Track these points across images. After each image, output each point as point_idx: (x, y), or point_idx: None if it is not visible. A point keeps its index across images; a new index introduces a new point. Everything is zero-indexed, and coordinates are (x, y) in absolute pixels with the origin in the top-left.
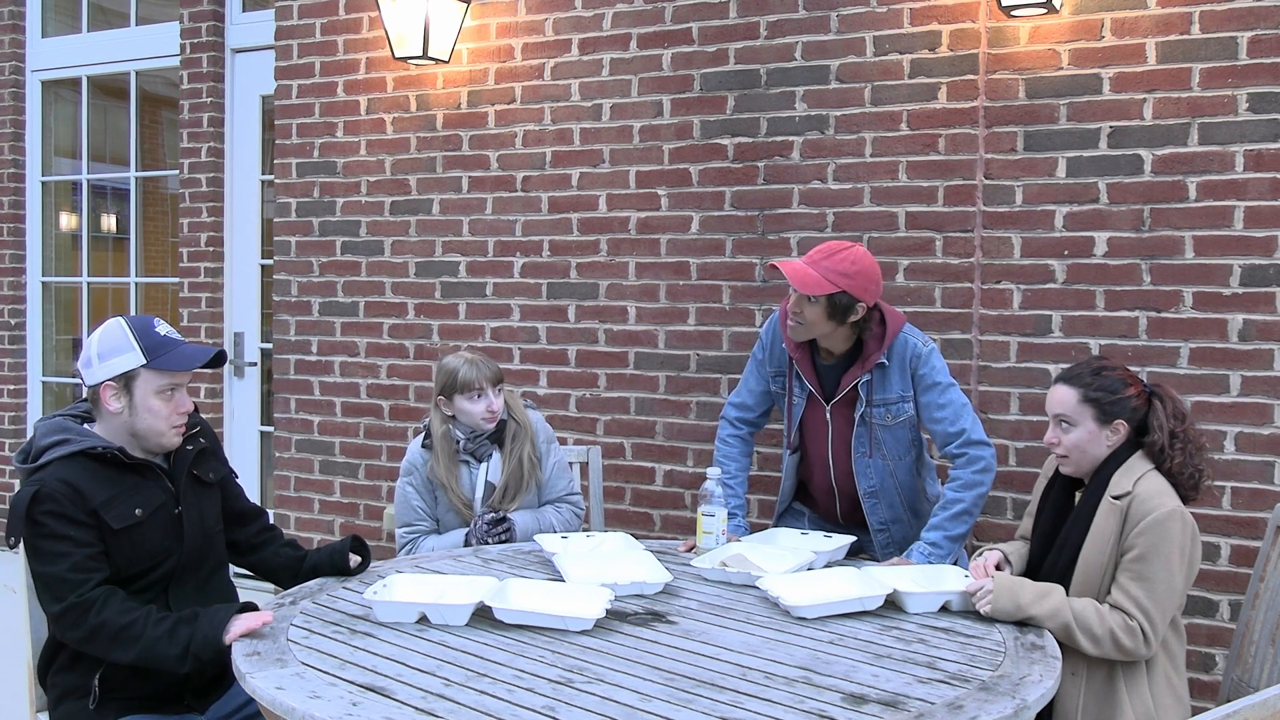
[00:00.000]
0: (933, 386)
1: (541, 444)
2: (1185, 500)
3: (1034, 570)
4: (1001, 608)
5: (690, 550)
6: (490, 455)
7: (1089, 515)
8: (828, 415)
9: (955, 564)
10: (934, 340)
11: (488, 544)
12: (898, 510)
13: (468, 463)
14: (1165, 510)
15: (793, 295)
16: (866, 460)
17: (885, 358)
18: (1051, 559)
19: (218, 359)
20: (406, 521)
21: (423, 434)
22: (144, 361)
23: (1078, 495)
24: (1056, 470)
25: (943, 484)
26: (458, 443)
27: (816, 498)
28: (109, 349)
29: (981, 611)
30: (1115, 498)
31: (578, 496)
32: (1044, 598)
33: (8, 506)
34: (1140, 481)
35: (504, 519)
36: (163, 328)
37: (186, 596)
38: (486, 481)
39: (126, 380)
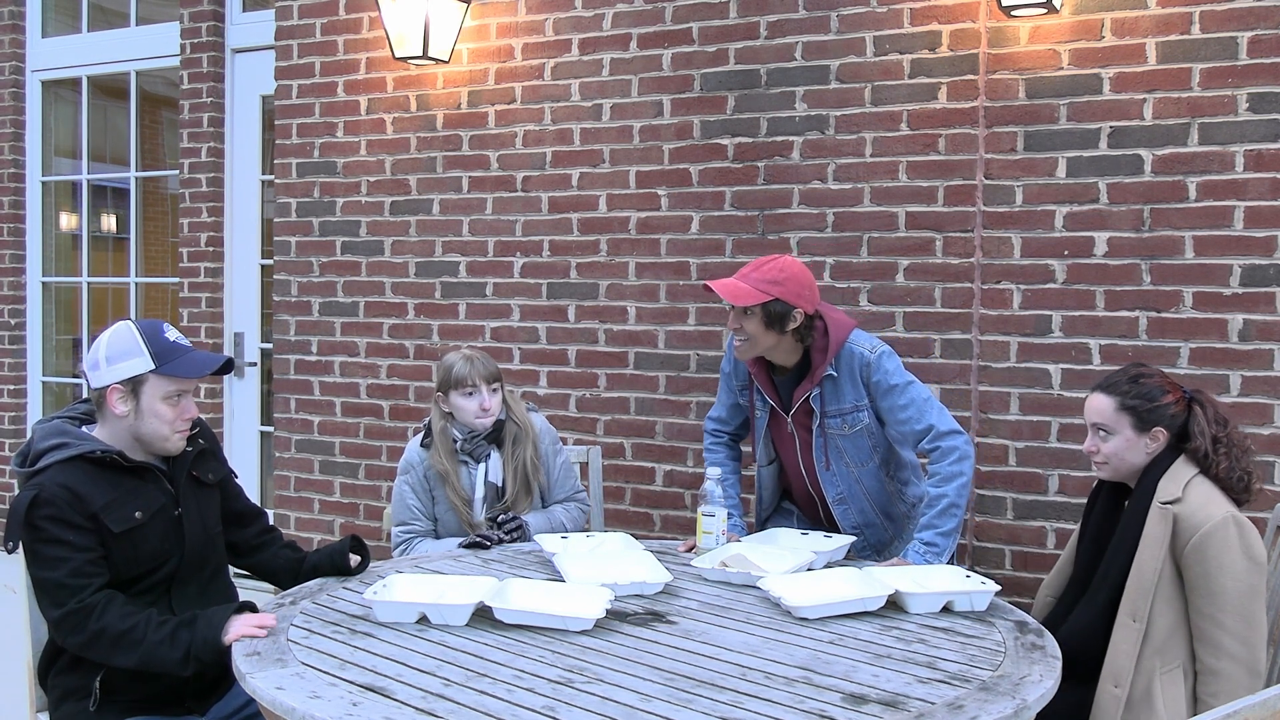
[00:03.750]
0: (890, 390)
1: (546, 446)
2: (1238, 504)
3: (1083, 581)
4: None
5: (690, 550)
6: (488, 456)
7: (1139, 523)
8: (790, 427)
9: (951, 562)
10: (887, 344)
11: (491, 543)
12: (869, 515)
13: (466, 463)
14: (1213, 522)
15: (731, 314)
16: (829, 471)
17: (833, 369)
18: (1102, 570)
19: (226, 366)
20: (402, 520)
21: (421, 433)
22: (153, 367)
23: (1126, 504)
24: (1099, 481)
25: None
26: (455, 441)
27: (800, 504)
28: (118, 352)
29: None
30: (1165, 503)
31: (584, 494)
32: None
33: (7, 508)
34: (1189, 488)
35: (517, 521)
36: (171, 333)
37: (189, 598)
38: (487, 482)
39: (134, 385)
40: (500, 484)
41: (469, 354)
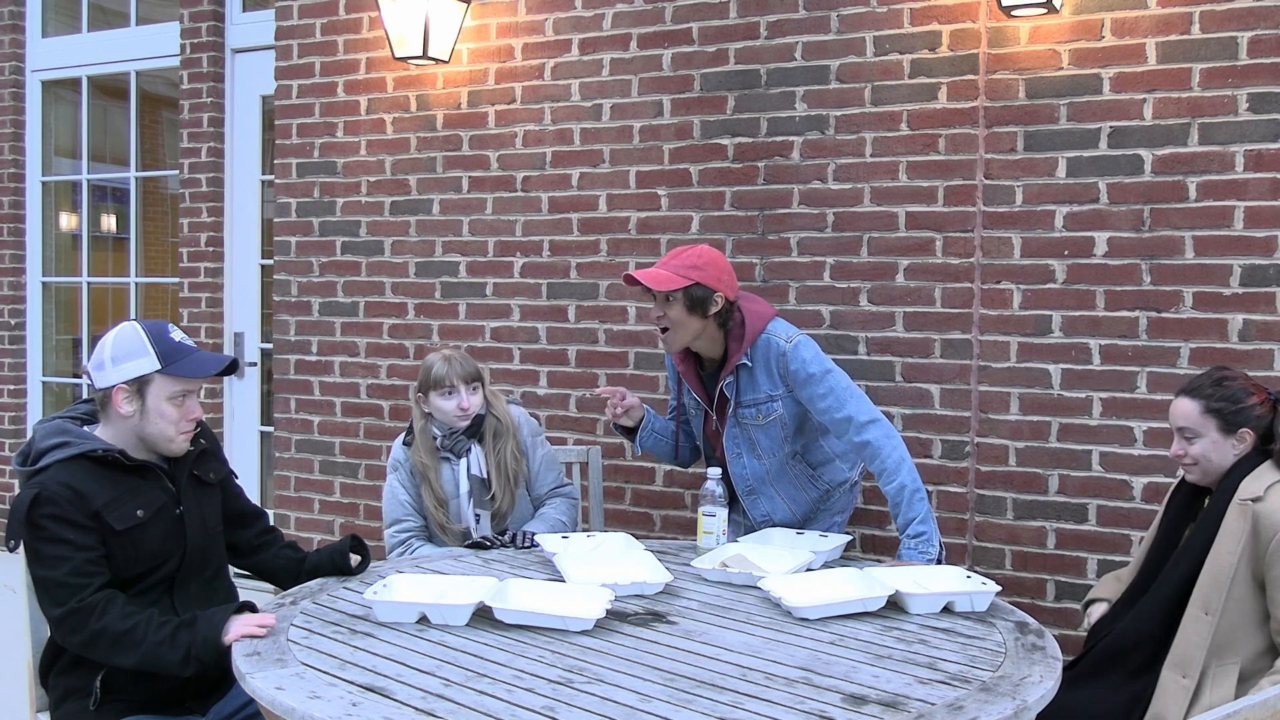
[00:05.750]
0: (808, 380)
1: (526, 438)
2: None
3: (1150, 577)
4: None
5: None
6: (469, 450)
7: (1217, 520)
8: (715, 422)
9: (944, 559)
10: (805, 332)
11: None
12: (775, 503)
13: (448, 459)
14: None
15: (654, 304)
16: (741, 461)
17: (748, 358)
18: (1170, 565)
19: (231, 367)
20: (396, 518)
21: (405, 431)
22: (159, 367)
23: (1206, 503)
24: (1179, 482)
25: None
26: (435, 439)
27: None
28: (124, 353)
29: None
30: (1246, 500)
31: (569, 487)
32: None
33: (8, 508)
34: (1273, 489)
35: (529, 537)
36: (177, 333)
37: (190, 598)
38: (471, 476)
39: (140, 385)
40: (484, 476)
41: (448, 354)
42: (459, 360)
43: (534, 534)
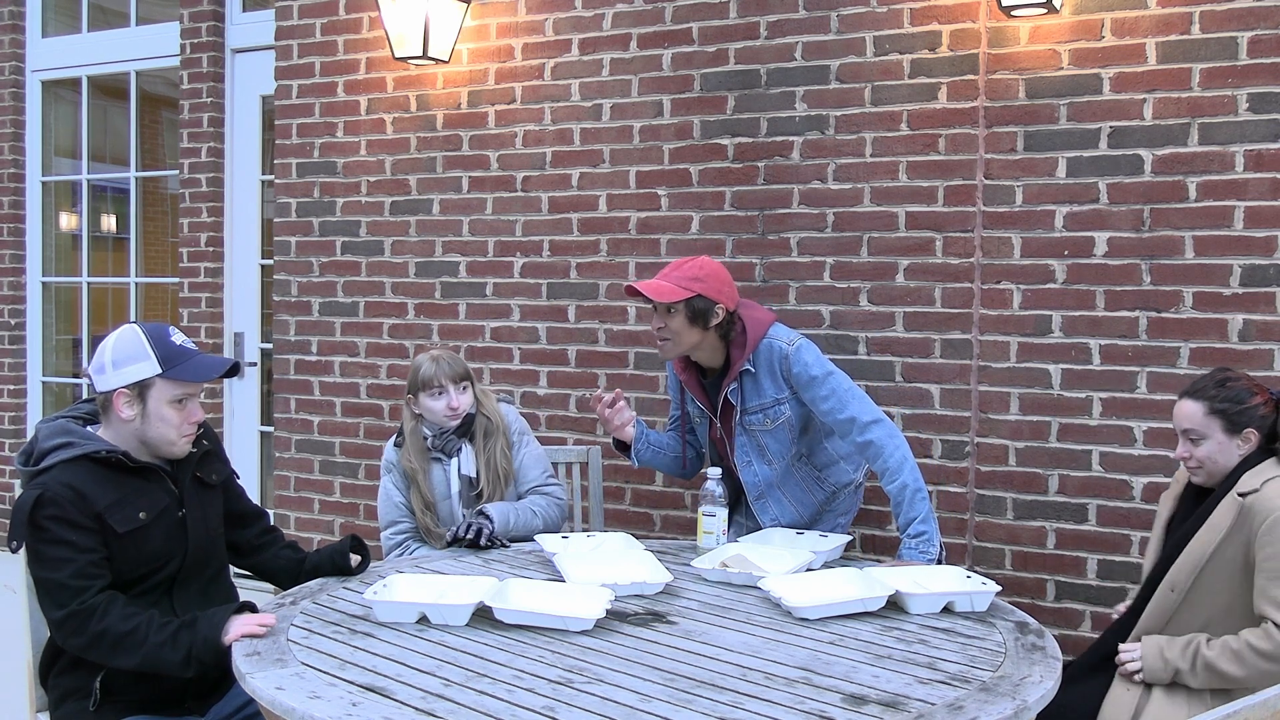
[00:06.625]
0: (811, 382)
1: (513, 435)
2: None
3: (1161, 574)
4: (1153, 671)
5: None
6: (459, 450)
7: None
8: (719, 430)
9: (945, 559)
10: (804, 336)
11: (481, 546)
12: (784, 506)
13: (439, 459)
14: None
15: (655, 315)
16: (752, 468)
17: (751, 364)
18: (1179, 562)
19: (232, 370)
20: (392, 520)
21: (396, 433)
22: (159, 371)
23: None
24: (1184, 488)
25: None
26: (426, 439)
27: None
28: (124, 357)
29: (1136, 679)
30: (1240, 494)
31: (554, 486)
32: (1185, 648)
33: (9, 508)
34: (1270, 483)
35: (476, 526)
36: (178, 337)
37: (190, 599)
38: (461, 475)
39: (141, 389)
40: (474, 475)
41: (437, 355)
42: (447, 360)
43: (486, 522)
